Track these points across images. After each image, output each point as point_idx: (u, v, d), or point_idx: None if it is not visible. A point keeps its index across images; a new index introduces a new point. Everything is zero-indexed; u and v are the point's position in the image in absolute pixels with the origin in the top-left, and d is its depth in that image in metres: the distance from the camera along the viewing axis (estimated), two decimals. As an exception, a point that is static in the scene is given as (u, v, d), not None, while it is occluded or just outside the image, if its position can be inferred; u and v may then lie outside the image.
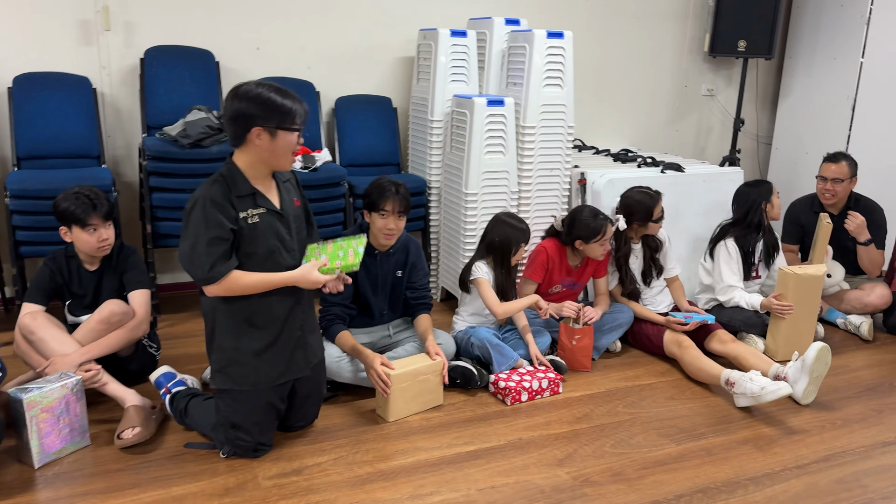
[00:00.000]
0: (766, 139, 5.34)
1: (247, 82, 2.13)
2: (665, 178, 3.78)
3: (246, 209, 2.18)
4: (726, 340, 3.16)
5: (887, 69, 4.50)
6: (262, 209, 2.22)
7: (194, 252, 2.14)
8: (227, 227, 2.14)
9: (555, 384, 2.87)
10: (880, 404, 2.87)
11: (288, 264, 2.29)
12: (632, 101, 4.85)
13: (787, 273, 3.18)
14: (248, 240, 2.20)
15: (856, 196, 3.76)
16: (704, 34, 4.88)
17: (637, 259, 3.37)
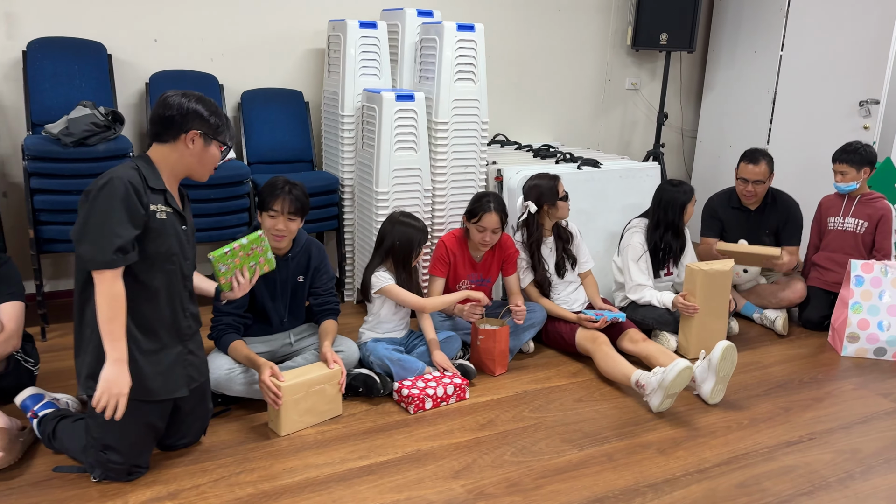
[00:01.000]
0: (690, 133, 5.35)
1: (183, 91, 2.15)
2: (581, 175, 3.72)
3: (156, 203, 2.08)
4: (637, 339, 3.11)
5: (805, 62, 4.53)
6: (171, 208, 2.14)
7: (102, 229, 1.96)
8: (141, 214, 2.02)
9: (461, 390, 2.77)
10: (789, 402, 2.85)
11: (185, 273, 2.21)
12: (555, 96, 4.78)
13: (694, 270, 3.15)
14: (154, 235, 2.07)
15: (773, 192, 3.76)
16: (627, 27, 4.84)
17: (550, 251, 3.30)
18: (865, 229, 3.57)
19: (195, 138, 2.12)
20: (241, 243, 2.30)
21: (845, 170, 3.56)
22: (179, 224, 2.19)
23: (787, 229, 3.72)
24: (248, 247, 2.32)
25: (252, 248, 2.33)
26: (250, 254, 2.33)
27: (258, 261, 2.37)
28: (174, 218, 2.15)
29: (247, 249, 2.32)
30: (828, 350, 3.39)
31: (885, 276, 3.26)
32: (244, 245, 2.31)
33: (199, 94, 2.18)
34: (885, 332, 3.25)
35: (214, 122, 2.16)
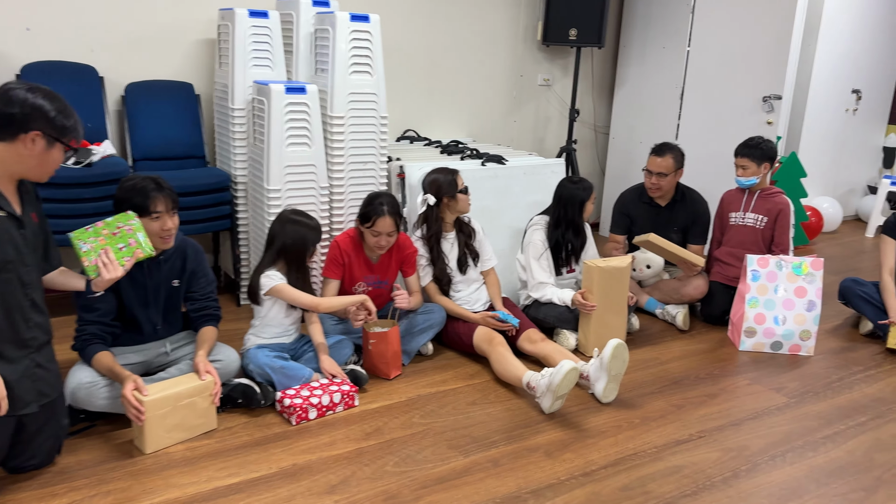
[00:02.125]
0: (603, 129, 5.35)
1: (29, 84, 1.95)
2: (485, 171, 3.64)
3: None
4: (536, 339, 3.05)
5: (711, 58, 4.57)
6: (3, 212, 1.95)
7: None
8: None
9: (349, 397, 2.64)
10: (682, 399, 2.84)
11: (25, 281, 2.02)
12: (467, 91, 4.69)
13: (591, 267, 3.10)
14: None
15: (682, 188, 3.76)
16: (537, 22, 4.79)
17: (452, 246, 3.21)
18: (765, 224, 3.61)
19: (37, 139, 1.96)
20: (105, 221, 2.18)
21: (746, 164, 3.58)
22: (16, 228, 1.99)
23: (695, 228, 3.73)
24: (112, 224, 2.20)
25: (118, 228, 2.20)
26: (116, 233, 2.20)
27: (127, 242, 2.22)
28: (7, 223, 1.96)
29: (111, 228, 2.19)
30: (727, 345, 3.40)
31: (781, 271, 3.29)
32: (108, 223, 2.20)
33: (47, 89, 2.00)
34: (780, 326, 3.28)
35: (60, 123, 1.99)
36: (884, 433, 2.62)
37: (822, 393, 2.92)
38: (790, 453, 2.46)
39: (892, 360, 3.28)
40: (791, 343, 3.29)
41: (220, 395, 2.55)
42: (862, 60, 5.74)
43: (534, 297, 3.33)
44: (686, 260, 3.43)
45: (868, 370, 3.16)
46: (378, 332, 2.84)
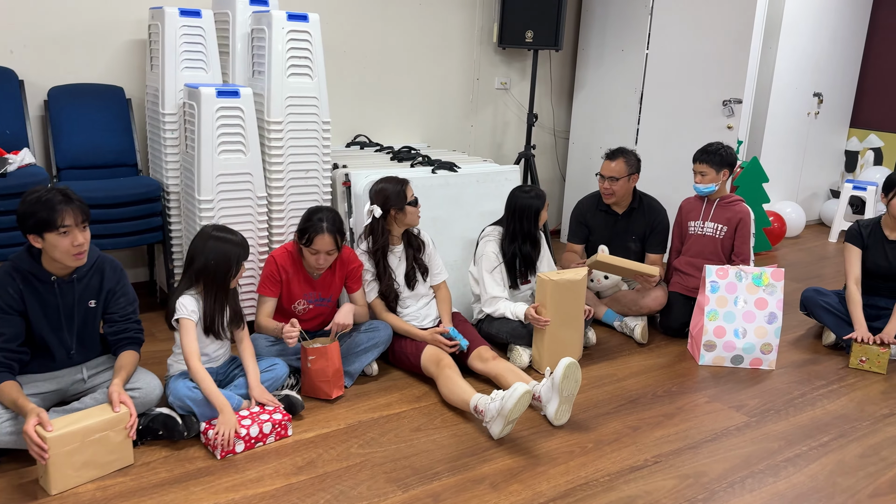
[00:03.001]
0: (563, 133, 5.22)
1: None
2: (436, 179, 3.47)
3: None
4: (487, 358, 2.88)
5: (670, 61, 4.46)
6: None
7: None
8: None
9: (282, 427, 2.44)
10: (638, 419, 2.69)
11: None
12: (422, 95, 4.52)
13: (545, 280, 2.95)
14: None
15: (640, 196, 3.64)
16: (493, 24, 4.64)
17: (399, 260, 3.03)
18: (725, 234, 3.49)
19: None
20: None
21: (705, 170, 3.46)
22: None
23: (653, 237, 3.60)
24: None
25: None
26: None
27: None
28: None
29: None
30: (686, 359, 3.27)
31: (740, 282, 3.17)
32: None
33: None
34: (741, 340, 3.16)
35: None
36: (847, 454, 2.50)
37: (783, 411, 2.80)
38: (750, 479, 2.33)
39: (855, 373, 3.18)
40: (752, 357, 3.17)
41: (139, 426, 2.35)
42: (823, 64, 5.70)
43: (486, 311, 3.17)
44: (640, 273, 3.30)
45: (831, 384, 3.05)
46: (318, 347, 2.65)
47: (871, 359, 3.18)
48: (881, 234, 3.32)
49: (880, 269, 3.32)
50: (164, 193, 3.29)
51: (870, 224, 3.36)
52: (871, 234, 3.34)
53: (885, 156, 5.98)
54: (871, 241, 3.33)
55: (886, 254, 3.30)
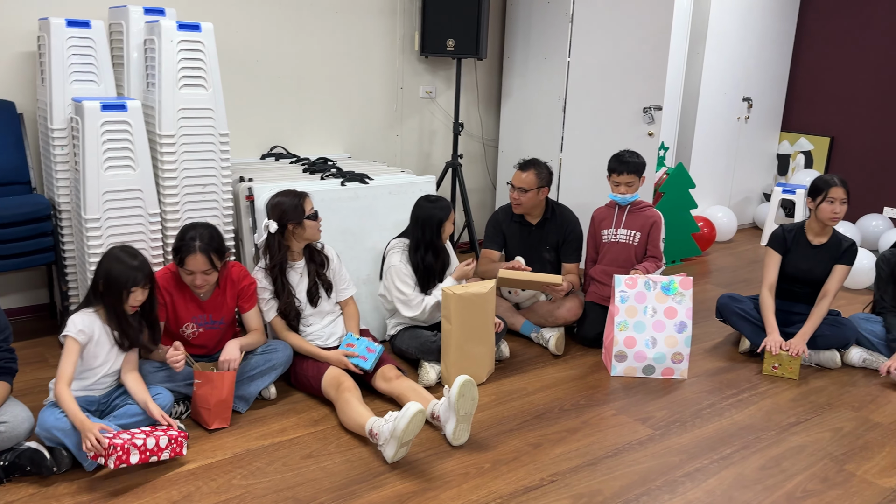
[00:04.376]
0: (492, 142, 5.17)
1: None
2: (345, 192, 3.37)
3: None
4: (391, 377, 2.79)
5: (591, 68, 4.44)
6: None
7: None
8: None
9: (178, 443, 2.31)
10: (540, 436, 2.62)
11: None
12: (343, 105, 4.42)
13: (449, 294, 2.87)
14: None
15: (553, 205, 3.59)
16: (414, 32, 4.57)
17: (301, 276, 2.92)
18: (639, 240, 3.46)
19: None
20: None
21: (631, 180, 3.42)
22: None
23: (567, 246, 3.56)
24: None
25: None
26: None
27: None
28: None
29: None
30: (600, 370, 3.22)
31: (650, 291, 3.13)
32: None
33: None
34: (652, 349, 3.12)
35: None
36: (747, 467, 2.46)
37: (689, 422, 2.75)
38: (645, 496, 2.27)
39: (767, 381, 3.16)
40: (663, 366, 3.13)
41: (3, 463, 2.20)
42: (752, 69, 5.75)
43: (414, 315, 3.06)
44: (545, 283, 3.25)
45: (741, 393, 3.02)
46: (206, 373, 2.53)
47: (783, 365, 3.17)
48: (804, 238, 3.31)
49: (800, 274, 3.31)
50: (56, 212, 3.13)
51: (794, 228, 3.34)
52: (794, 239, 3.32)
53: (814, 159, 6.06)
54: (794, 245, 3.32)
55: (808, 259, 3.29)
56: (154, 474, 2.29)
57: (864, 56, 5.62)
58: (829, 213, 3.17)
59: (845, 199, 3.16)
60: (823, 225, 3.22)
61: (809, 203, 3.27)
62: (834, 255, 3.24)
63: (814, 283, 3.28)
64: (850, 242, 3.22)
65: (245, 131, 4.06)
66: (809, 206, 3.27)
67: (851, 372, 3.25)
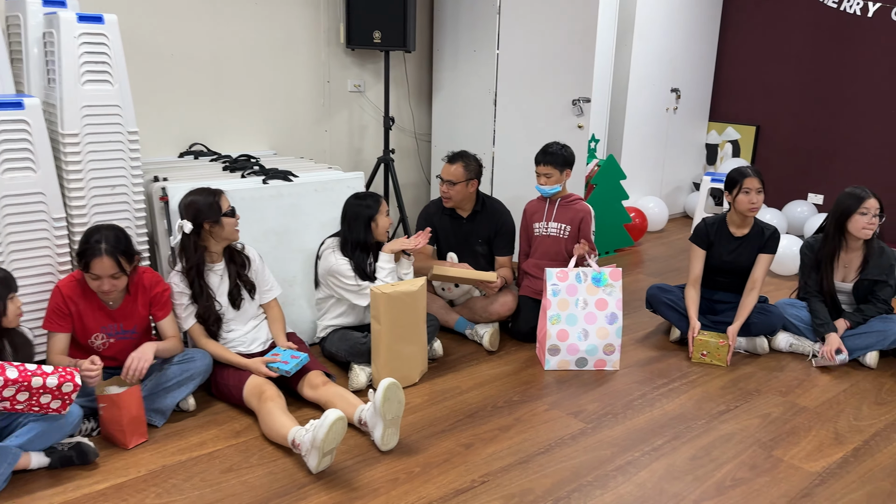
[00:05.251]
0: (425, 136, 5.09)
1: None
2: (268, 190, 3.24)
3: None
4: (318, 384, 2.69)
5: (520, 60, 4.40)
6: None
7: None
8: None
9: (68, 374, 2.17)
10: (472, 436, 2.56)
11: None
12: (266, 99, 4.26)
13: (378, 294, 2.78)
14: None
15: (483, 198, 3.54)
16: (339, 24, 4.45)
17: (221, 279, 2.79)
18: (569, 233, 3.44)
19: None
20: None
21: (550, 171, 3.40)
22: None
23: (498, 239, 3.51)
24: None
25: None
26: None
27: None
28: None
29: None
30: (534, 364, 3.19)
31: (581, 283, 3.11)
32: None
33: None
34: (584, 342, 3.10)
35: None
36: (678, 457, 2.46)
37: (621, 414, 2.74)
38: (577, 493, 2.23)
39: (698, 368, 3.18)
40: (596, 358, 3.12)
41: None
42: (679, 60, 5.83)
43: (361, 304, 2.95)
44: (479, 280, 3.20)
45: (672, 382, 3.03)
46: (109, 395, 2.38)
47: (711, 352, 3.20)
48: (727, 231, 3.34)
49: (725, 266, 3.34)
50: (-52, 219, 2.90)
51: (716, 222, 3.38)
52: (717, 232, 3.36)
53: (741, 147, 6.20)
54: (717, 238, 3.35)
55: (732, 251, 3.32)
56: (59, 496, 2.13)
57: (786, 46, 5.77)
58: (746, 204, 3.21)
59: (761, 189, 3.20)
60: (743, 216, 3.26)
61: (727, 196, 3.30)
62: (757, 244, 3.29)
63: (739, 272, 3.32)
64: (772, 230, 3.27)
65: (161, 129, 3.87)
66: (728, 200, 3.31)
67: (779, 357, 3.31)
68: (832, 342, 3.14)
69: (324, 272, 3.04)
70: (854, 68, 5.41)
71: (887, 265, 3.22)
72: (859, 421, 2.72)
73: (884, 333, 3.16)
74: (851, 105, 5.47)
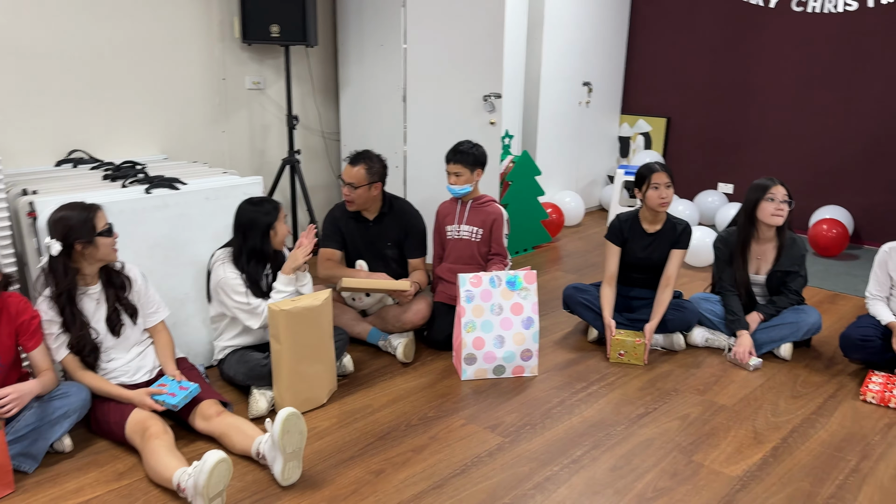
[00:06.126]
0: (334, 135, 4.86)
1: None
2: (152, 200, 2.94)
3: None
4: (211, 415, 2.44)
5: (429, 56, 4.23)
6: None
7: None
8: None
9: None
10: (383, 460, 2.38)
11: None
12: (155, 100, 3.93)
13: (276, 311, 2.55)
14: None
15: (390, 199, 3.35)
16: (233, 18, 4.16)
17: (98, 303, 2.49)
18: (481, 237, 3.30)
19: None
20: None
21: (459, 170, 3.26)
22: None
23: (409, 241, 3.34)
24: None
25: None
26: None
27: None
28: None
29: None
30: (451, 374, 3.04)
31: (496, 288, 2.98)
32: None
33: None
34: (501, 349, 2.97)
35: None
36: (598, 469, 2.35)
37: (539, 424, 2.62)
38: (494, 518, 2.10)
39: (615, 369, 3.11)
40: (514, 365, 3.00)
41: None
42: (590, 54, 5.80)
43: (261, 324, 2.70)
44: (392, 290, 3.03)
45: (591, 386, 2.94)
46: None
47: (628, 352, 3.13)
48: (640, 227, 3.28)
49: (639, 262, 3.29)
50: None
51: (629, 218, 3.31)
52: (630, 229, 3.29)
53: (653, 140, 6.24)
54: (631, 234, 3.29)
55: (645, 247, 3.27)
56: None
57: (694, 38, 5.84)
58: (656, 199, 3.16)
59: (670, 183, 3.16)
60: (655, 212, 3.21)
61: (637, 193, 3.25)
62: (670, 239, 3.24)
63: (654, 268, 3.28)
64: (683, 225, 3.24)
65: (34, 136, 3.50)
66: (638, 197, 3.25)
67: (696, 353, 3.28)
68: (744, 342, 3.13)
69: (214, 287, 2.80)
70: (759, 59, 5.52)
71: (798, 256, 3.23)
72: (777, 417, 2.69)
73: (797, 325, 3.17)
74: (757, 95, 5.58)
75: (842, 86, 5.16)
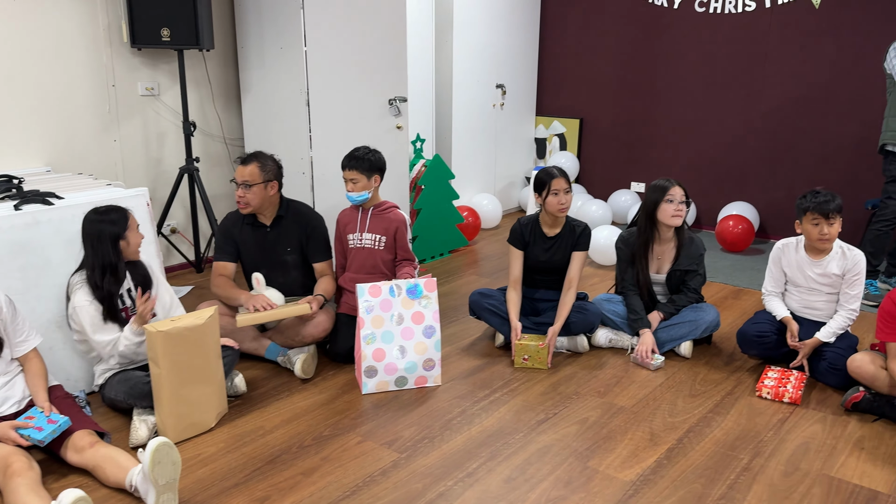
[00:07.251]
0: (237, 141, 4.68)
1: None
2: (22, 217, 2.74)
3: None
4: (83, 447, 2.28)
5: (331, 59, 4.12)
6: None
7: None
8: None
9: None
10: (269, 486, 2.27)
11: None
12: (37, 109, 3.69)
13: (153, 332, 2.40)
14: None
15: (287, 202, 3.24)
16: (122, 22, 3.95)
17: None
18: (385, 244, 3.22)
19: None
20: None
21: (356, 177, 3.16)
22: None
23: (311, 244, 3.23)
24: None
25: None
26: None
27: None
28: None
29: None
30: (353, 388, 2.94)
31: (396, 297, 2.90)
32: None
33: None
34: (403, 359, 2.89)
35: None
36: (492, 481, 2.30)
37: (438, 437, 2.56)
38: (381, 541, 2.01)
39: (519, 374, 3.07)
40: (416, 376, 2.93)
41: None
42: (503, 56, 5.79)
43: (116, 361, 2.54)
44: (294, 313, 2.94)
45: (494, 393, 2.90)
46: None
47: (532, 356, 3.10)
48: (540, 231, 3.26)
49: (542, 265, 3.27)
50: None
51: (529, 222, 3.29)
52: (531, 232, 3.27)
53: (568, 140, 6.29)
54: (532, 238, 3.27)
55: (546, 250, 3.25)
56: None
57: (603, 39, 5.91)
58: (555, 205, 3.15)
59: (569, 189, 3.16)
60: (554, 217, 3.20)
61: (537, 199, 3.23)
62: (570, 242, 3.24)
63: (556, 271, 3.27)
64: (582, 227, 3.23)
65: None
66: (538, 202, 3.23)
67: (600, 354, 3.28)
68: (646, 341, 3.15)
69: (70, 314, 2.62)
70: (665, 59, 5.62)
71: (697, 255, 3.27)
72: (674, 417, 2.71)
73: (696, 323, 3.21)
74: (664, 95, 5.68)
75: (743, 84, 5.31)
